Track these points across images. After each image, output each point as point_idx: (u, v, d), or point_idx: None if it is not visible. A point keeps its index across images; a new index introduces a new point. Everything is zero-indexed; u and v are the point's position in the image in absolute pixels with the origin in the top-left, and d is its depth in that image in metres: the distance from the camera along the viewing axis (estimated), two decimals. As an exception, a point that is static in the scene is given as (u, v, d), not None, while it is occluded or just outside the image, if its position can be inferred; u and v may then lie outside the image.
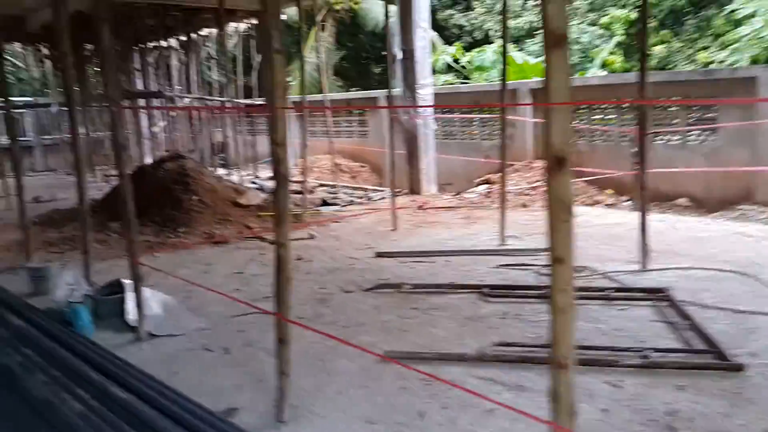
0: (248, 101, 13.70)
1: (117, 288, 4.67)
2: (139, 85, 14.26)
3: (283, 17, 13.02)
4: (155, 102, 13.77)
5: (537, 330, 3.88)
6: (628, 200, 8.78)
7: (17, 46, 18.04)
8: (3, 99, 11.31)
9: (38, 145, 17.48)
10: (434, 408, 2.99)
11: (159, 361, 3.69)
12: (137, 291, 4.06)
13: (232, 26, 13.14)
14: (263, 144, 14.13)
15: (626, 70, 15.31)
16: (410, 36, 9.49)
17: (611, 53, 16.07)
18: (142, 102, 14.32)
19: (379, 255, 6.13)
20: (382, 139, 12.60)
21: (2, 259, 6.61)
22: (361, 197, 10.65)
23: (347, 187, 11.72)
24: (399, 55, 9.60)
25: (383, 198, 9.88)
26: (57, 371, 3.08)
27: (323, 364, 3.55)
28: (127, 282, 4.62)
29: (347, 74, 24.28)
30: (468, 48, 17.50)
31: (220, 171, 14.20)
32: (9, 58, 18.03)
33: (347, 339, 3.89)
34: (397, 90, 10.00)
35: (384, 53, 10.72)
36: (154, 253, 6.53)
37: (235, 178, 11.37)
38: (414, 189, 10.07)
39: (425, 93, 9.76)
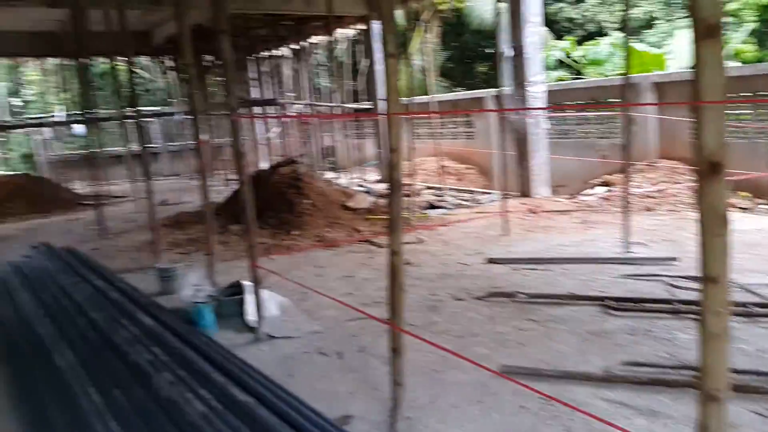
0: (355, 106, 13.93)
1: (238, 289, 4.85)
2: (255, 94, 14.93)
3: (391, 20, 13.13)
4: (270, 109, 14.35)
5: (671, 349, 3.56)
6: (765, 204, 7.97)
7: (144, 59, 19.56)
8: (134, 109, 12.25)
9: (164, 151, 18.81)
10: None
11: (276, 363, 3.77)
12: (256, 293, 4.17)
13: (340, 33, 13.42)
14: (370, 147, 14.35)
15: (760, 60, 13.97)
16: (520, 32, 9.19)
17: (743, 42, 14.72)
18: (257, 109, 14.99)
19: (491, 261, 5.95)
20: (490, 139, 12.35)
21: (134, 259, 7.11)
22: (468, 200, 10.47)
23: (454, 189, 11.57)
24: (508, 52, 9.32)
25: (492, 201, 9.64)
26: (183, 370, 3.22)
27: (437, 375, 3.46)
28: (247, 283, 4.79)
29: (452, 75, 24.05)
30: (580, 42, 16.74)
31: (329, 174, 14.57)
32: (137, 70, 19.54)
33: (461, 350, 3.78)
34: (506, 88, 9.73)
35: (490, 51, 10.50)
36: (271, 255, 6.75)
37: (342, 181, 11.59)
38: (525, 191, 9.73)
39: (536, 91, 9.41)
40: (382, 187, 12.05)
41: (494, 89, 9.18)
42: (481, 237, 7.11)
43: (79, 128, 16.43)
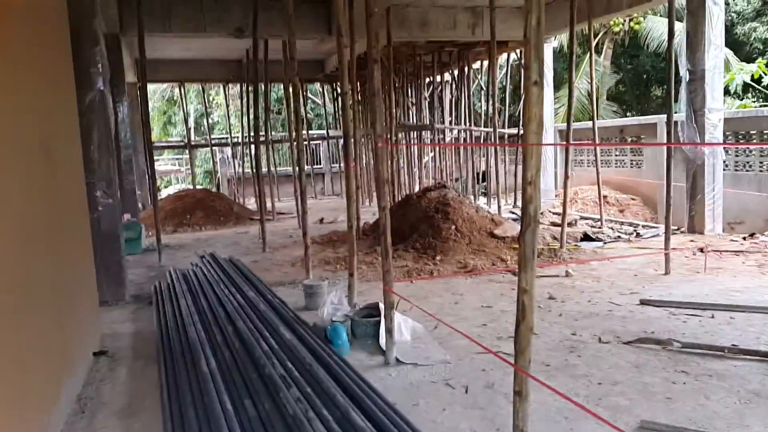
0: (511, 131, 13.66)
1: (374, 311, 4.92)
2: (415, 118, 15.26)
3: (554, 44, 12.73)
4: (426, 134, 14.60)
5: None
6: None
7: (316, 86, 20.96)
8: (303, 132, 13.13)
9: (328, 172, 19.94)
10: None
11: (401, 390, 3.74)
12: (388, 317, 4.19)
13: (502, 58, 13.30)
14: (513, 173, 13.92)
15: None
16: (700, 54, 8.41)
17: None
18: (414, 133, 15.31)
19: (645, 303, 5.43)
20: (659, 169, 11.39)
21: (287, 273, 7.54)
22: (629, 234, 9.72)
23: (613, 221, 10.83)
24: (686, 76, 8.57)
25: (655, 235, 8.86)
26: (310, 388, 3.31)
27: (567, 423, 3.19)
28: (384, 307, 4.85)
29: (623, 99, 22.78)
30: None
31: (481, 200, 14.40)
32: (309, 96, 21.00)
33: (599, 398, 3.48)
34: (681, 114, 8.94)
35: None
36: (412, 279, 6.78)
37: (494, 207, 11.38)
38: (694, 227, 8.83)
39: (714, 118, 8.53)
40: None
41: (666, 115, 8.48)
42: (638, 275, 6.54)
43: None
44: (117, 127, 6.48)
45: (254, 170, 15.19)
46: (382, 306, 4.82)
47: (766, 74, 13.38)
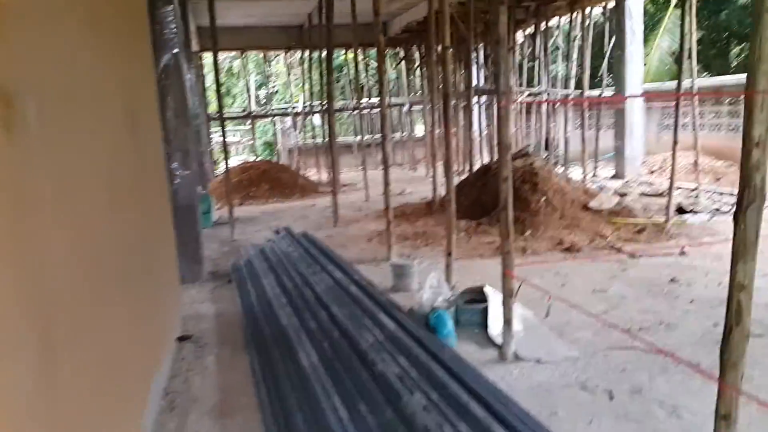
0: (593, 92, 12.71)
1: (477, 295, 4.41)
2: (482, 81, 14.48)
3: (641, -2, 11.66)
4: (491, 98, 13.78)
5: None
6: None
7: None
8: (366, 100, 12.51)
9: (389, 140, 19.36)
10: None
11: (530, 394, 3.22)
12: (507, 306, 3.66)
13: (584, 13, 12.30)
14: (605, 139, 12.93)
15: None
16: None
17: None
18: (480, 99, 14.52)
19: (789, 287, 4.71)
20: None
21: (365, 249, 7.08)
22: (731, 205, 8.81)
23: (710, 191, 9.90)
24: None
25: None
26: (435, 392, 2.83)
27: (757, 446, 2.61)
28: (491, 290, 4.32)
29: (701, 58, 21.14)
30: None
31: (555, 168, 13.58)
32: (371, 62, 20.34)
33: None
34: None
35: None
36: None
37: (573, 176, 10.61)
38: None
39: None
40: (617, 183, 10.82)
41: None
42: (765, 253, 5.76)
43: (316, 118, 17.60)
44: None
45: (325, 139, 14.87)
46: (488, 290, 4.31)
47: None
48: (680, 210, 8.40)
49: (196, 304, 5.29)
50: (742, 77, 11.69)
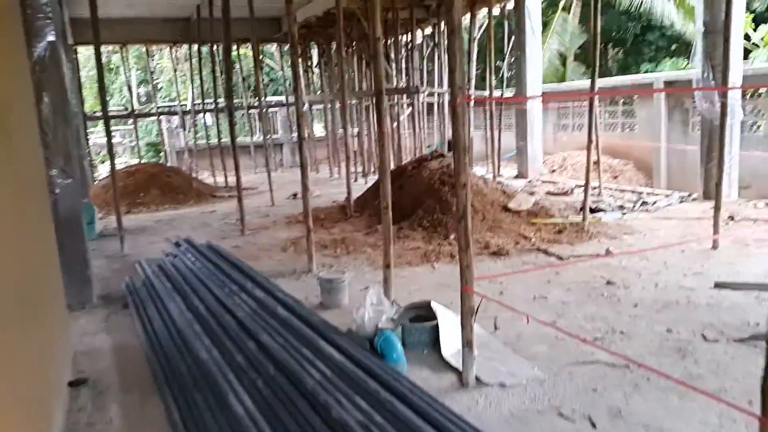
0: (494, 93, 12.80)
1: (423, 311, 4.00)
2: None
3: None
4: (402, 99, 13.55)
5: None
6: None
7: (271, 47, 19.43)
8: (260, 98, 11.76)
9: (287, 142, 18.60)
10: None
11: (505, 425, 2.86)
12: (467, 327, 3.27)
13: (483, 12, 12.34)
14: (504, 139, 13.04)
15: None
16: (718, 5, 7.71)
17: None
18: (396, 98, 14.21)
19: (720, 285, 4.73)
20: (654, 132, 10.86)
21: (282, 261, 6.48)
22: (633, 202, 9.10)
23: (612, 188, 10.22)
24: (700, 28, 7.89)
25: (668, 204, 8.25)
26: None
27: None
28: (439, 306, 3.93)
29: (586, 60, 22.32)
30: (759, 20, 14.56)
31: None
32: (264, 59, 19.50)
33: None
34: (694, 71, 8.31)
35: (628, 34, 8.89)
36: (433, 264, 5.88)
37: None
38: (710, 193, 8.26)
39: (734, 75, 7.90)
40: (521, 183, 10.93)
41: (664, 73, 7.84)
42: (685, 251, 5.85)
43: (208, 117, 16.51)
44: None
45: (220, 140, 13.84)
46: (435, 305, 3.92)
47: (754, 30, 12.98)
48: (590, 209, 8.50)
49: (88, 337, 4.47)
50: (637, 77, 12.20)
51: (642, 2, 17.87)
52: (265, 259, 6.56)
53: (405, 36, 12.90)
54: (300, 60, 16.15)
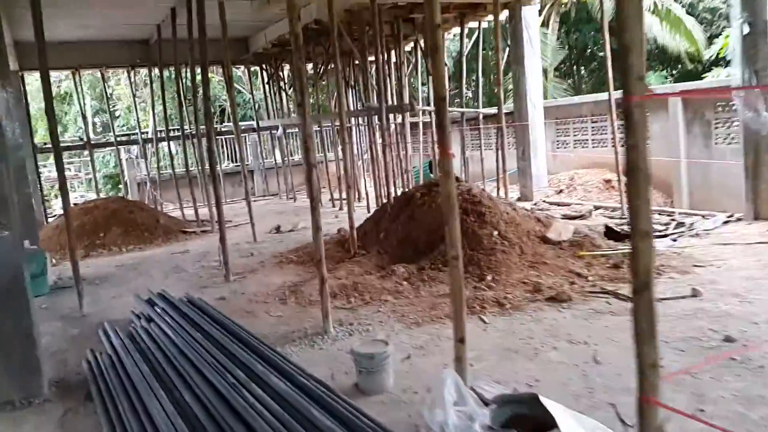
0: (490, 110, 11.83)
1: (522, 407, 2.81)
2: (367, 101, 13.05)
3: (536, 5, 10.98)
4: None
5: None
6: None
7: (237, 70, 18.13)
8: (227, 124, 10.39)
9: (258, 169, 17.29)
10: None
11: None
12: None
13: (470, 26, 11.40)
14: (491, 160, 11.93)
15: None
16: (761, 1, 6.89)
17: None
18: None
19: None
20: (671, 145, 9.98)
21: (284, 318, 5.18)
22: (665, 224, 8.13)
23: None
24: (741, 29, 7.03)
25: (714, 227, 7.28)
26: None
27: None
28: (554, 407, 2.72)
29: (567, 75, 21.82)
30: None
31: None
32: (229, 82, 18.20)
33: None
34: (734, 76, 7.46)
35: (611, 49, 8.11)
36: (479, 315, 4.70)
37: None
38: (759, 213, 7.35)
39: (780, 79, 7.06)
40: (527, 206, 9.91)
41: (669, 84, 6.95)
42: (778, 285, 4.82)
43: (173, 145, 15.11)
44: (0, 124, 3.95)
45: (190, 168, 12.46)
46: (552, 406, 2.72)
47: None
48: (610, 233, 7.47)
49: (33, 458, 3.13)
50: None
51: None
52: (262, 315, 5.27)
53: (392, 52, 11.83)
54: (272, 81, 14.98)
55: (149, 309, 5.15)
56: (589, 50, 21.07)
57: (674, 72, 20.14)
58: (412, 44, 12.63)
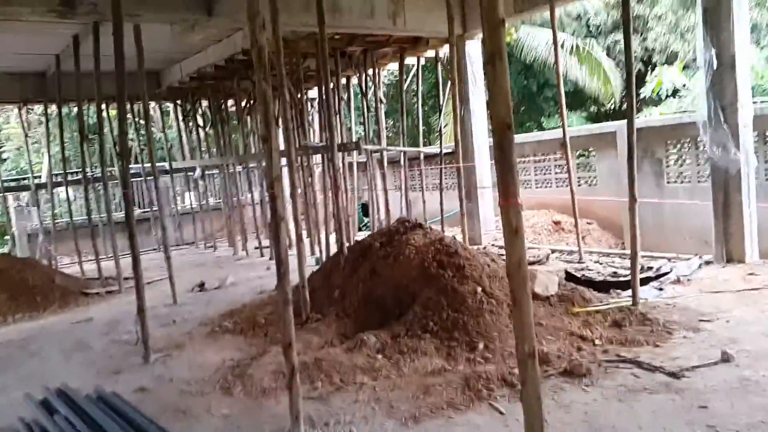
0: (432, 149, 11.18)
1: None
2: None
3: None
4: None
5: None
6: None
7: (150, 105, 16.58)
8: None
9: (171, 215, 15.67)
10: None
11: None
12: None
13: (409, 60, 10.78)
14: (432, 201, 11.17)
15: None
16: (727, 35, 6.63)
17: None
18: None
19: None
20: (619, 185, 9.67)
21: (230, 416, 3.98)
22: (628, 269, 7.61)
23: (594, 253, 8.76)
24: (710, 62, 6.73)
25: (691, 272, 6.79)
26: None
27: None
28: None
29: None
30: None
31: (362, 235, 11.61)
32: (137, 119, 16.70)
33: None
34: (698, 114, 7.15)
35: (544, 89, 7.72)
36: (490, 402, 3.75)
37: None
38: (731, 254, 6.96)
39: (746, 116, 6.80)
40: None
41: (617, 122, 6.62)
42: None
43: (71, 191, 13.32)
44: None
45: (90, 216, 10.77)
46: None
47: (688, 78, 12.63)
48: (571, 278, 6.84)
49: None
50: (594, 127, 11.05)
51: (539, 59, 17.59)
52: (203, 415, 4.04)
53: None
54: (188, 118, 13.66)
55: (45, 416, 3.80)
56: (514, 89, 21.25)
57: (591, 112, 20.61)
58: (344, 80, 11.86)
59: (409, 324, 5.00)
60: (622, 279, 6.73)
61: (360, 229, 13.16)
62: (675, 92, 13.46)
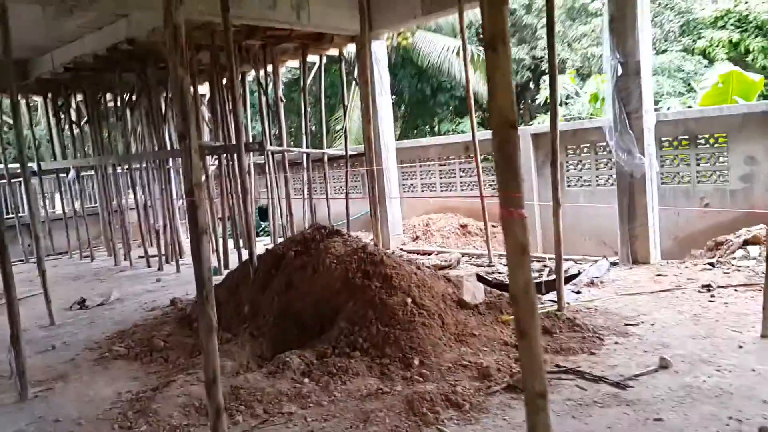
0: (335, 151, 10.76)
1: None
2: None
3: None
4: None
5: None
6: None
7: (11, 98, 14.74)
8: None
9: (40, 219, 14.01)
10: None
11: None
12: None
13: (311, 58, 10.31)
14: (337, 205, 10.83)
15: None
16: (632, 42, 6.83)
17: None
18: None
19: None
20: (525, 189, 9.84)
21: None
22: (538, 271, 7.70)
23: (501, 255, 8.78)
24: (615, 69, 6.90)
25: (602, 274, 6.92)
26: None
27: None
28: None
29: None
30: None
31: (263, 241, 11.08)
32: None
33: None
34: (604, 119, 7.33)
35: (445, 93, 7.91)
36: (438, 425, 3.42)
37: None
38: (636, 256, 7.20)
39: (650, 121, 7.05)
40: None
41: (532, 127, 6.70)
42: (744, 346, 4.32)
43: None
44: None
45: None
46: None
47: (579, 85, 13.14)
48: (483, 281, 6.78)
49: None
50: (488, 133, 11.21)
51: (434, 64, 17.79)
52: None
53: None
54: (61, 114, 12.26)
55: None
56: (405, 96, 21.34)
57: (485, 117, 21.17)
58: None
59: (334, 341, 4.57)
60: (536, 281, 6.70)
61: (258, 235, 12.46)
62: (567, 98, 14.03)
